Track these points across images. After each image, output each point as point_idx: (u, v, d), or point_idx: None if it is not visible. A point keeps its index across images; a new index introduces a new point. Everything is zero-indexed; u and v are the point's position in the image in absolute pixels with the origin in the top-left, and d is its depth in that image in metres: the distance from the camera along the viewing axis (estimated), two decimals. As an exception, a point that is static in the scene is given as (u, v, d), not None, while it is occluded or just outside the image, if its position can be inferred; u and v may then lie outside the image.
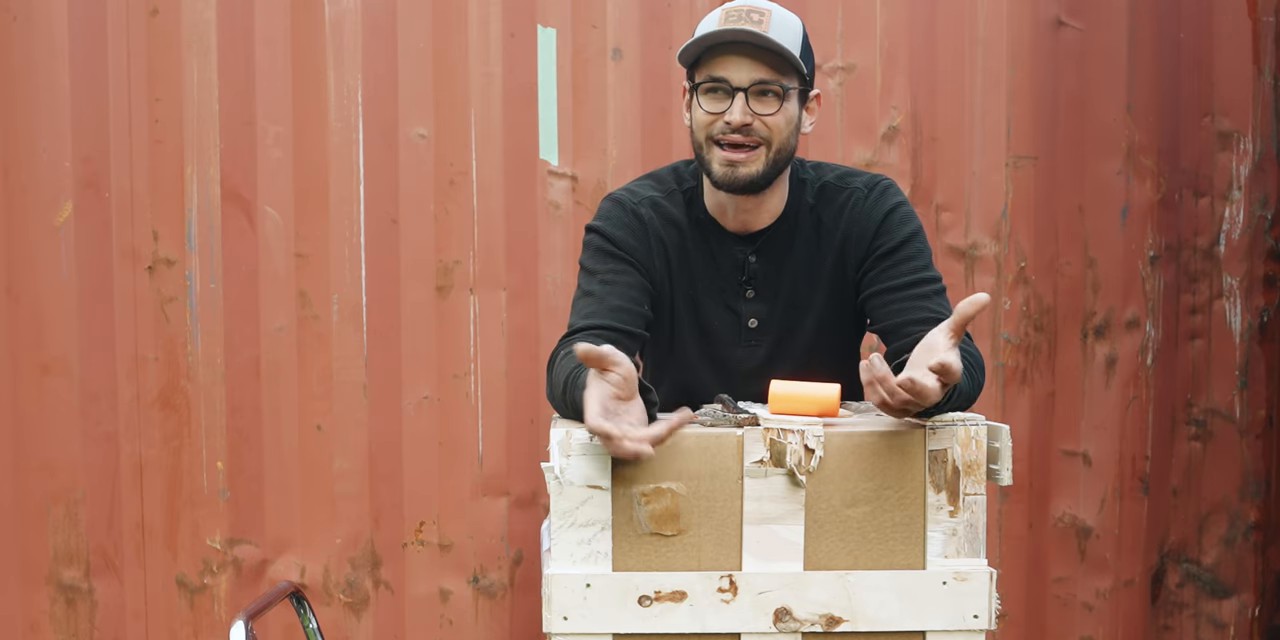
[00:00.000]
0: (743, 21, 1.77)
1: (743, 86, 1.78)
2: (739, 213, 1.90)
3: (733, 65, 1.78)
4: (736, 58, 1.78)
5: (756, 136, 1.80)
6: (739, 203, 1.88)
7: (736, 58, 1.78)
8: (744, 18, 1.77)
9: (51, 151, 2.63)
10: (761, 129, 1.80)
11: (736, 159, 1.80)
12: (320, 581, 2.69)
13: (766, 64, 1.78)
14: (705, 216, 1.93)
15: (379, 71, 2.65)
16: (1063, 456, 2.77)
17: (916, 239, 1.89)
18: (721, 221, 1.92)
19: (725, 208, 1.91)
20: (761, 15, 1.78)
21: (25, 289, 2.65)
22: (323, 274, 2.67)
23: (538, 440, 2.69)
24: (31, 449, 2.65)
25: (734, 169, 1.81)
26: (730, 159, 1.81)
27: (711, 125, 1.81)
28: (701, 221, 1.93)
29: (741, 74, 1.78)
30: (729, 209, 1.90)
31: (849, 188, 1.92)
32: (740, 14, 1.78)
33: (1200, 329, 2.80)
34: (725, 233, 1.92)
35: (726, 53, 1.79)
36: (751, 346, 1.94)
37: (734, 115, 1.78)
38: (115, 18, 2.62)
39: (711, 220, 1.93)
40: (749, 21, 1.77)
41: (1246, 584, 2.82)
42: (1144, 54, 2.74)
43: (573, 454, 1.56)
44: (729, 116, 1.79)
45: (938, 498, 1.58)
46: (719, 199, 1.90)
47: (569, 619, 1.58)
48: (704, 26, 1.83)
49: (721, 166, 1.81)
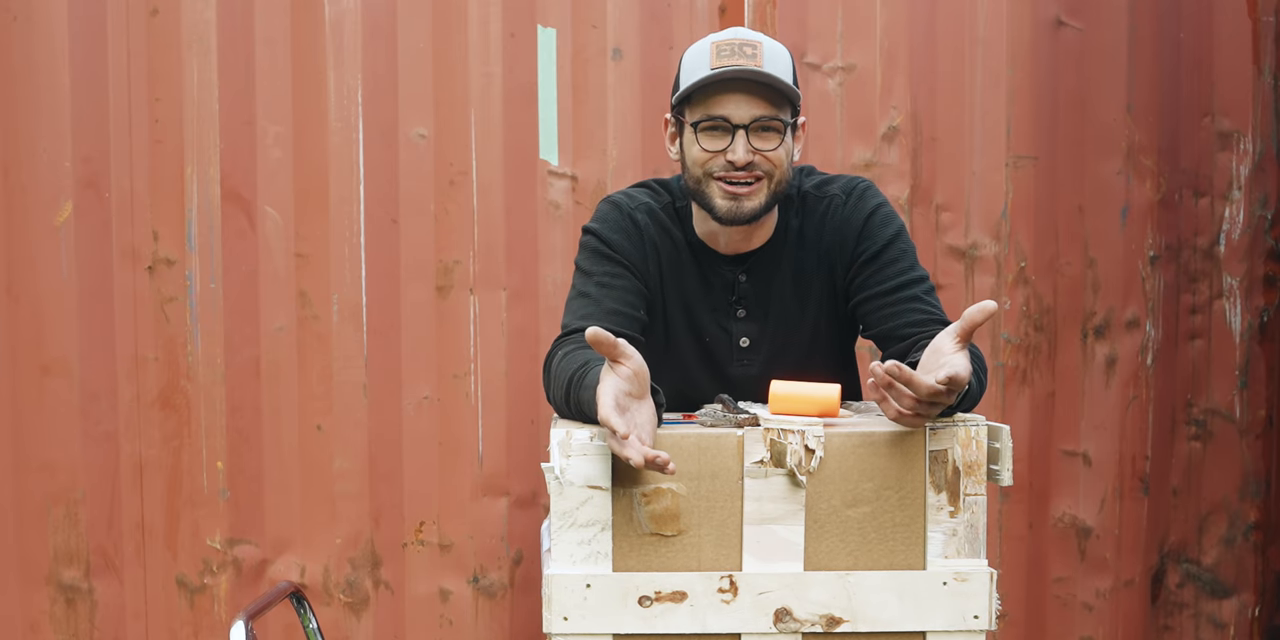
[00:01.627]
0: (737, 57, 1.75)
1: (743, 124, 1.76)
2: (733, 239, 1.90)
3: (732, 103, 1.76)
4: (735, 95, 1.76)
5: (759, 171, 1.79)
6: (732, 232, 1.88)
7: (735, 95, 1.76)
8: (738, 53, 1.75)
9: (51, 151, 2.63)
10: (764, 164, 1.79)
11: (740, 192, 1.79)
12: (320, 581, 2.69)
13: (765, 99, 1.77)
14: (695, 239, 1.93)
15: (379, 71, 2.65)
16: (1063, 456, 2.78)
17: (899, 239, 1.88)
18: (712, 245, 1.92)
19: (718, 235, 1.91)
20: (755, 48, 1.76)
21: (25, 289, 2.64)
22: (323, 274, 2.67)
23: (538, 440, 2.69)
24: (31, 449, 2.65)
25: (739, 203, 1.80)
26: (734, 192, 1.79)
27: (710, 162, 1.79)
28: (692, 242, 1.93)
29: (741, 111, 1.76)
30: (722, 236, 1.90)
31: (827, 196, 1.91)
32: (733, 48, 1.76)
33: (1200, 329, 2.80)
34: (716, 254, 1.93)
35: (725, 90, 1.76)
36: (744, 365, 1.94)
37: (737, 154, 1.77)
38: (115, 18, 2.62)
39: (701, 242, 1.93)
40: (743, 56, 1.75)
41: (1246, 584, 2.82)
42: (1144, 54, 2.74)
43: (573, 454, 1.56)
44: (732, 156, 1.77)
45: (938, 498, 1.58)
46: (711, 227, 1.90)
47: (569, 619, 1.58)
48: (692, 61, 1.80)
49: (725, 200, 1.80)
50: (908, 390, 1.49)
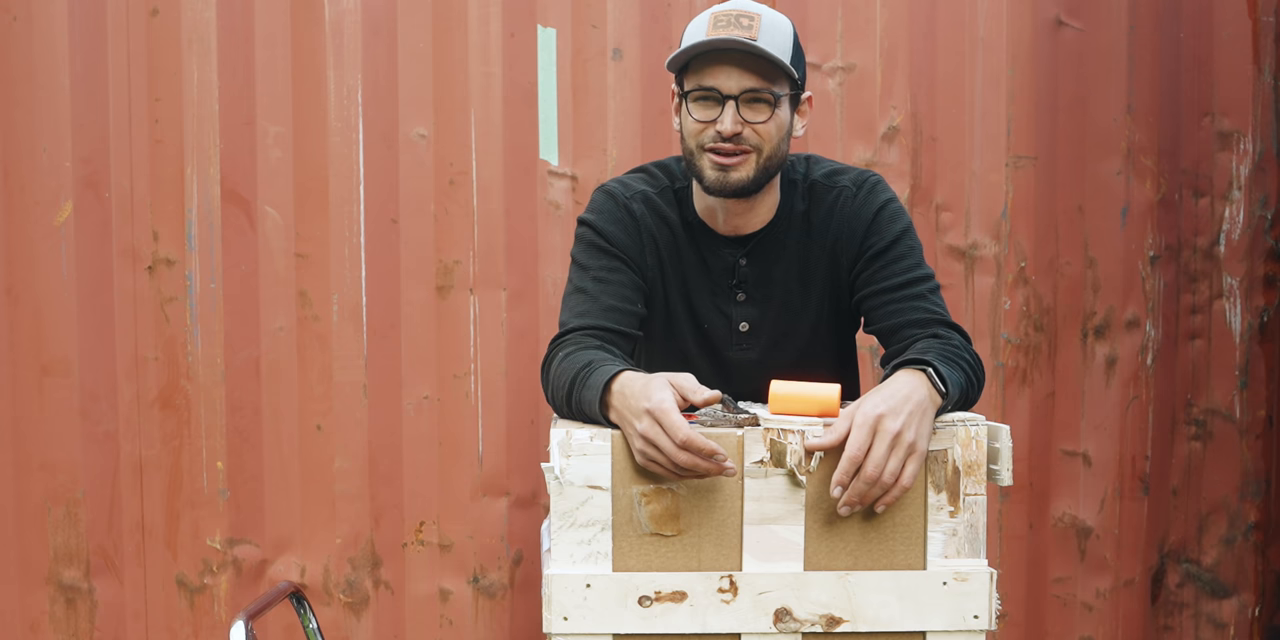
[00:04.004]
0: (732, 27, 1.74)
1: (733, 95, 1.76)
2: (730, 217, 1.89)
3: (722, 73, 1.76)
4: (726, 66, 1.76)
5: (747, 144, 1.78)
6: (730, 207, 1.87)
7: (726, 66, 1.76)
8: (733, 23, 1.75)
9: (51, 151, 2.63)
10: (752, 137, 1.78)
11: (727, 163, 1.79)
12: (320, 581, 2.69)
13: (756, 71, 1.76)
14: (695, 219, 1.92)
15: (379, 71, 2.65)
16: (1063, 456, 2.78)
17: (907, 236, 1.88)
18: (712, 225, 1.91)
19: (715, 211, 1.90)
20: (751, 20, 1.76)
21: (25, 289, 2.65)
22: (323, 274, 2.67)
23: (538, 440, 2.69)
24: (31, 449, 2.65)
25: (725, 173, 1.79)
26: (721, 163, 1.79)
27: (701, 133, 1.79)
28: (692, 223, 1.92)
29: (731, 82, 1.76)
30: (719, 213, 1.89)
31: (837, 186, 1.90)
32: (730, 19, 1.75)
33: (1200, 329, 2.80)
34: (716, 235, 1.91)
35: (716, 61, 1.76)
36: (743, 349, 1.94)
37: (725, 124, 1.76)
38: (115, 18, 2.62)
39: (702, 223, 1.92)
40: (738, 27, 1.74)
41: (1246, 584, 2.82)
42: (1144, 54, 2.74)
43: (573, 454, 1.56)
44: (720, 126, 1.76)
45: (938, 498, 1.58)
46: (709, 203, 1.89)
47: (569, 619, 1.58)
48: (692, 31, 1.80)
49: (713, 171, 1.80)
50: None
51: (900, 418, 1.53)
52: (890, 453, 1.52)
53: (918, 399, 1.55)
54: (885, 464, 1.52)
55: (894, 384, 1.58)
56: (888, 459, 1.52)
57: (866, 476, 1.52)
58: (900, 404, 1.54)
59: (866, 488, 1.53)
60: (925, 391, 1.57)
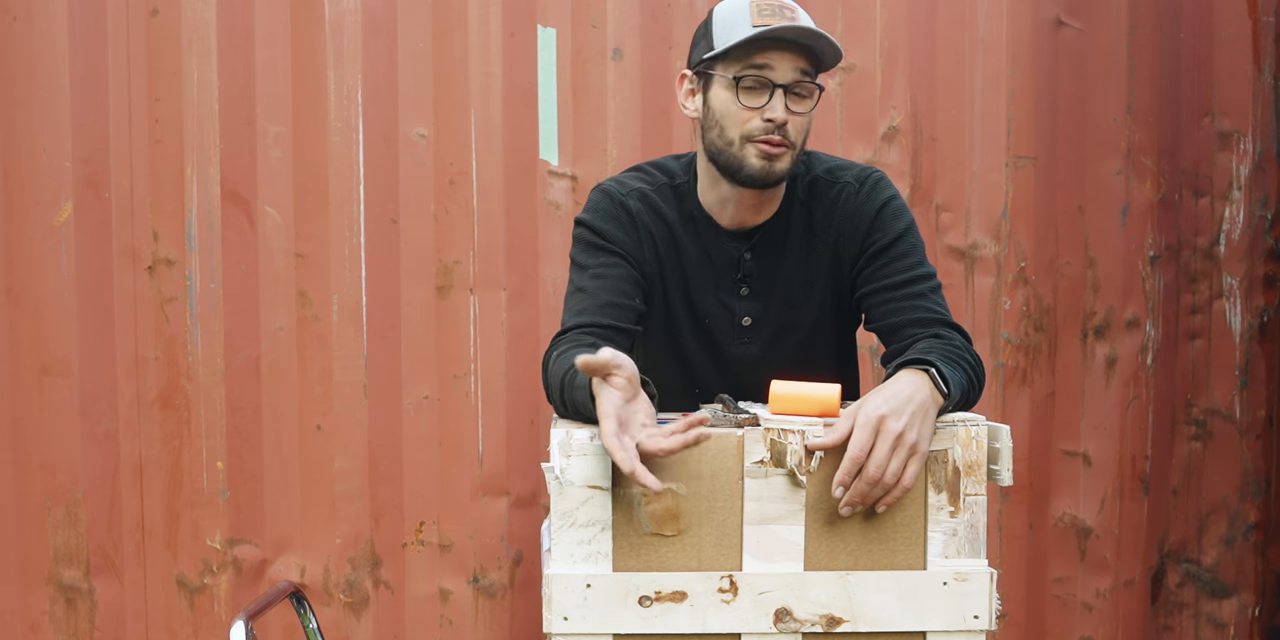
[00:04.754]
0: (778, 17, 1.75)
1: (785, 83, 1.76)
2: (741, 209, 1.88)
3: (777, 60, 1.76)
4: (781, 53, 1.76)
5: (788, 139, 1.79)
6: (745, 198, 1.86)
7: (781, 53, 1.76)
8: (778, 13, 1.75)
9: (51, 151, 2.63)
10: (792, 132, 1.78)
11: (775, 153, 1.78)
12: (320, 581, 2.69)
13: (807, 60, 1.78)
14: (700, 212, 1.91)
15: (379, 71, 2.65)
16: (1063, 456, 2.78)
17: (910, 234, 1.88)
18: (717, 218, 1.90)
19: (726, 204, 1.88)
20: (794, 11, 1.78)
21: (25, 289, 2.65)
22: (323, 274, 2.67)
23: (538, 440, 2.69)
24: (31, 449, 2.65)
25: (771, 164, 1.78)
26: (770, 152, 1.78)
27: (748, 123, 1.78)
28: (695, 217, 1.91)
29: (785, 69, 1.76)
30: (730, 205, 1.88)
31: (840, 182, 1.90)
32: (774, 9, 1.76)
33: (1200, 329, 2.80)
34: (719, 229, 1.91)
35: (770, 48, 1.76)
36: (745, 344, 1.93)
37: (777, 112, 1.75)
38: (115, 18, 2.62)
39: (706, 216, 1.91)
40: (783, 17, 1.75)
41: (1246, 584, 2.82)
42: (1144, 54, 2.74)
43: (573, 454, 1.56)
44: (772, 113, 1.75)
45: (938, 498, 1.58)
46: (721, 194, 1.88)
47: (569, 619, 1.58)
48: (731, 16, 1.79)
49: (759, 159, 1.78)
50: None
51: (903, 418, 1.53)
52: (892, 453, 1.52)
53: (920, 400, 1.55)
54: (887, 465, 1.52)
55: (896, 384, 1.58)
56: (890, 459, 1.52)
57: (868, 477, 1.52)
58: (903, 404, 1.54)
59: (868, 488, 1.53)
60: (927, 392, 1.57)
